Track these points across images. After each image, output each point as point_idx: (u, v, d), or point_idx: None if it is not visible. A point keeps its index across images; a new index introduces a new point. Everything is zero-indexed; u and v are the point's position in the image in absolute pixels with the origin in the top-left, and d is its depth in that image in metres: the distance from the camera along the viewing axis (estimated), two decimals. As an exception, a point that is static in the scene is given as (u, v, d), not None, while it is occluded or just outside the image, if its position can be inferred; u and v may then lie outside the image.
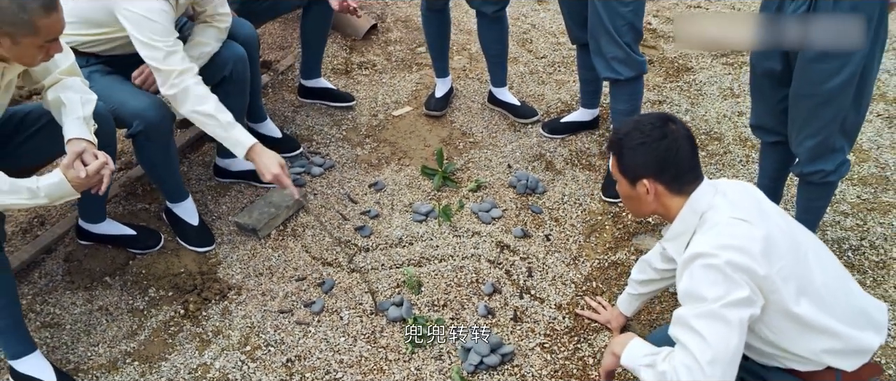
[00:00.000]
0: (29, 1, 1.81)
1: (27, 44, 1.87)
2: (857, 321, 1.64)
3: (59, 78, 2.18)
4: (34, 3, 1.81)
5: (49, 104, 2.18)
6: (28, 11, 1.81)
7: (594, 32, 2.70)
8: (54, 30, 1.89)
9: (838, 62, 2.05)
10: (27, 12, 1.81)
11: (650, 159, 1.70)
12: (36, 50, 1.90)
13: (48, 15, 1.85)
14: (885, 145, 3.10)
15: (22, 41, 1.85)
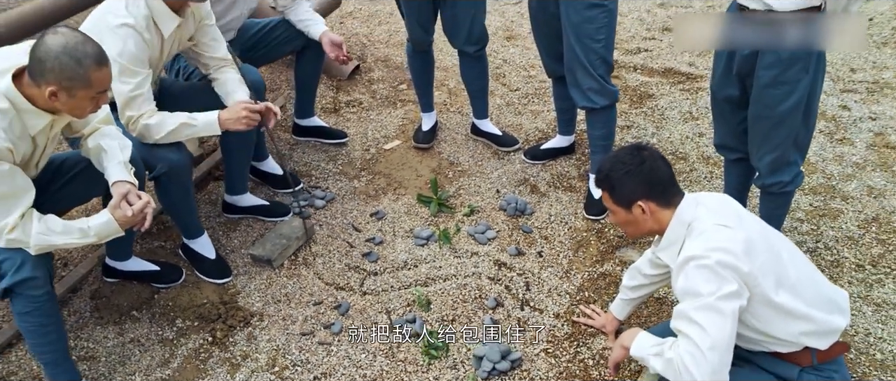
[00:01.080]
0: (84, 57, 2.00)
1: (81, 96, 2.06)
2: (826, 306, 1.94)
3: (97, 127, 2.37)
4: (89, 59, 2.01)
5: (89, 151, 2.36)
6: (83, 66, 2.01)
7: (571, 66, 3.00)
8: (105, 82, 2.08)
9: (788, 88, 2.38)
10: (83, 67, 2.01)
11: (639, 183, 1.98)
12: (88, 102, 2.09)
13: (100, 69, 2.05)
14: (829, 158, 3.47)
15: (77, 94, 2.04)
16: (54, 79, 2.01)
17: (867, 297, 2.73)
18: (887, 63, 4.25)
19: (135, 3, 2.47)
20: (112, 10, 2.47)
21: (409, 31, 3.34)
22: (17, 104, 2.06)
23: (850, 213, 3.14)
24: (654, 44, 4.50)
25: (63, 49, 1.99)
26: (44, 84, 2.02)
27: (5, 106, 2.03)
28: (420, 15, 3.24)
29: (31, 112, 2.08)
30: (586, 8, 2.84)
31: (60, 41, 2.00)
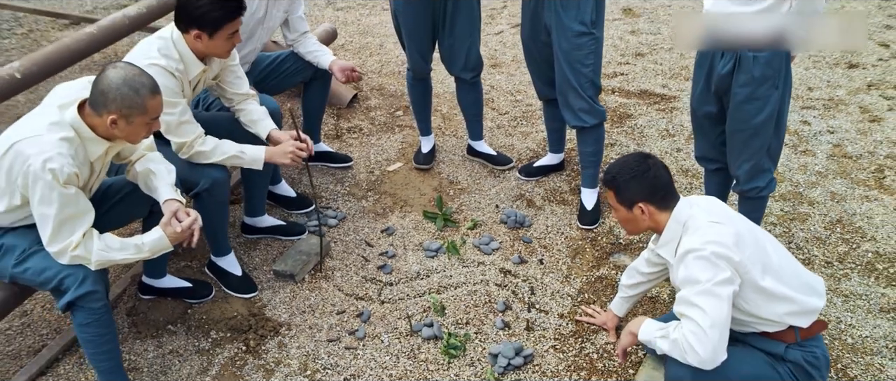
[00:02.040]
0: (141, 87, 2.24)
1: (138, 123, 2.28)
2: (805, 290, 2.23)
3: (143, 153, 2.58)
4: (145, 89, 2.24)
5: (136, 175, 2.57)
6: (141, 95, 2.24)
7: (562, 89, 3.30)
8: (158, 110, 2.31)
9: (761, 103, 2.70)
10: (140, 96, 2.24)
11: (642, 187, 2.27)
12: (143, 128, 2.31)
13: (154, 98, 2.28)
14: (795, 168, 3.81)
15: (135, 121, 2.27)
16: (116, 108, 2.23)
17: (837, 289, 3.04)
18: (839, 82, 4.65)
19: (166, 48, 2.70)
20: (146, 52, 2.69)
21: (410, 60, 3.60)
22: (81, 133, 2.27)
23: (816, 216, 3.47)
24: (629, 68, 4.84)
25: (123, 81, 2.22)
26: (105, 113, 2.24)
27: (71, 135, 2.25)
28: (421, 45, 3.51)
29: (93, 140, 2.30)
30: (575, 36, 3.15)
31: (120, 74, 2.22)
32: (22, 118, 2.36)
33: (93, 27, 3.54)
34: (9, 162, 2.24)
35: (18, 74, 3.12)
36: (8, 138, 2.26)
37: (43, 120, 2.27)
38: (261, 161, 2.91)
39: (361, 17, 5.66)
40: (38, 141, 2.20)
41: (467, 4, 3.40)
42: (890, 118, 4.23)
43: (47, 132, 2.22)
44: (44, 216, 2.23)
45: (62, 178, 2.18)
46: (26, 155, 2.19)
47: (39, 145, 2.19)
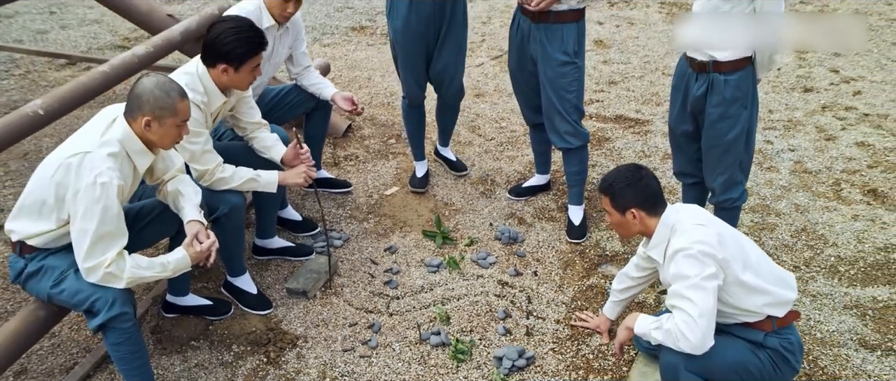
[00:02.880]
0: (171, 90, 2.48)
1: (169, 124, 2.51)
2: (779, 283, 2.51)
3: (175, 174, 2.79)
4: (174, 92, 2.49)
5: (166, 194, 2.78)
6: (171, 97, 2.48)
7: (548, 114, 3.59)
8: (186, 113, 2.54)
9: (732, 121, 3.01)
10: (170, 98, 2.48)
11: (635, 195, 2.54)
12: (174, 129, 2.53)
13: (183, 100, 2.52)
14: (761, 183, 4.14)
15: (166, 122, 2.50)
16: (149, 109, 2.46)
17: (805, 290, 3.34)
18: (796, 105, 5.03)
19: (193, 83, 2.93)
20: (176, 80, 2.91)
21: (405, 88, 3.87)
22: (128, 146, 2.49)
23: (783, 226, 3.79)
24: (604, 95, 5.17)
25: (155, 85, 2.47)
26: (140, 116, 2.47)
27: (118, 150, 2.46)
28: (416, 74, 3.78)
29: (140, 152, 2.52)
30: (560, 65, 3.44)
31: (152, 80, 2.48)
32: (70, 138, 2.57)
33: (105, 66, 3.74)
34: (60, 177, 2.43)
35: (41, 110, 3.30)
36: (59, 156, 2.46)
37: (91, 138, 2.48)
38: (275, 184, 3.14)
39: (348, 52, 5.92)
40: (88, 157, 2.41)
41: (456, 35, 3.69)
42: (843, 137, 4.60)
43: (97, 149, 2.43)
44: (83, 231, 2.40)
45: (112, 191, 2.38)
46: (77, 170, 2.39)
47: (90, 161, 2.40)
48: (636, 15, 6.70)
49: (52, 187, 2.46)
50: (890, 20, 6.41)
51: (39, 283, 2.57)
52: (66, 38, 5.95)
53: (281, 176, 3.16)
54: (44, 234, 2.55)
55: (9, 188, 4.06)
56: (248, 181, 3.07)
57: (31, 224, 2.55)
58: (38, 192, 2.51)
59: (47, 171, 2.49)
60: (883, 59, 5.67)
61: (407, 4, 3.54)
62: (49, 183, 2.47)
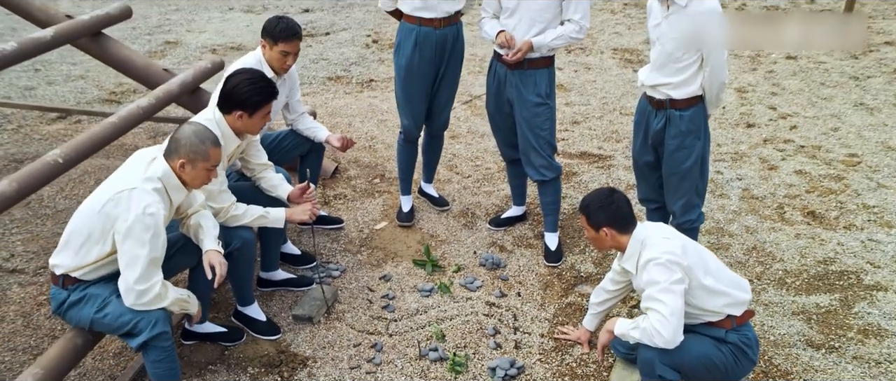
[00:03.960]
0: (206, 138, 2.81)
1: (200, 168, 2.82)
2: (736, 286, 2.92)
3: (197, 209, 3.10)
4: (208, 141, 2.82)
5: (189, 227, 3.08)
6: (205, 145, 2.80)
7: (525, 149, 3.99)
8: (217, 159, 2.86)
9: (688, 150, 3.44)
10: (205, 145, 2.80)
11: (607, 215, 2.94)
12: (205, 172, 2.85)
13: (216, 147, 2.84)
14: (715, 209, 4.60)
15: (198, 165, 2.81)
16: (185, 153, 2.78)
17: (758, 300, 3.76)
18: (741, 139, 5.56)
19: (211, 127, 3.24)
20: None
21: (404, 124, 4.22)
22: (167, 183, 2.79)
23: (736, 245, 4.23)
24: (568, 134, 5.62)
25: (193, 133, 2.79)
26: (177, 158, 2.79)
27: (160, 186, 2.77)
28: (415, 111, 4.15)
29: (176, 187, 2.82)
30: (534, 106, 3.86)
31: (192, 128, 2.81)
32: (112, 176, 2.86)
33: (114, 117, 4.02)
34: (108, 210, 2.71)
35: (61, 159, 3.57)
36: (107, 191, 2.75)
37: (135, 175, 2.78)
38: (282, 220, 3.45)
39: (327, 100, 6.29)
40: (136, 192, 2.71)
41: (454, 75, 4.13)
42: (784, 166, 5.12)
43: (142, 185, 2.73)
44: (136, 257, 2.69)
45: (159, 220, 2.69)
46: (127, 203, 2.68)
47: (138, 195, 2.69)
48: (592, 61, 7.24)
49: (99, 220, 2.74)
50: (817, 62, 7.07)
51: (82, 310, 2.83)
52: (54, 94, 6.18)
53: (288, 212, 3.47)
54: (86, 266, 2.82)
55: (15, 235, 4.27)
56: (258, 218, 3.38)
57: (75, 258, 2.82)
58: (84, 226, 2.79)
59: (93, 206, 2.77)
60: (814, 98, 6.28)
61: (411, 46, 3.95)
62: (96, 217, 2.75)
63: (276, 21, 3.69)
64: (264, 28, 3.70)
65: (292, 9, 8.76)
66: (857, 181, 4.90)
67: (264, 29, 3.70)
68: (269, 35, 3.68)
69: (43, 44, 4.21)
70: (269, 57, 3.74)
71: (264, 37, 3.71)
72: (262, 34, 3.72)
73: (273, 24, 3.68)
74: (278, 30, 3.65)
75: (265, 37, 3.70)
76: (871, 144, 5.42)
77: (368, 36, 7.88)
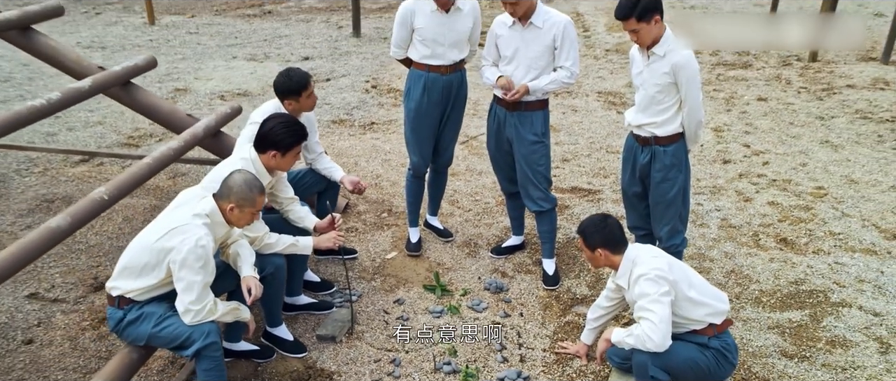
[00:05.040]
0: (253, 187, 3.19)
1: (247, 212, 3.21)
2: (716, 298, 3.33)
3: (236, 239, 3.47)
4: (255, 189, 3.20)
5: (229, 255, 3.45)
6: (253, 193, 3.18)
7: (523, 183, 4.42)
8: (261, 204, 3.25)
9: (672, 182, 3.88)
10: (252, 193, 3.18)
11: (601, 237, 3.35)
12: (250, 215, 3.24)
13: (262, 195, 3.23)
14: (696, 237, 5.03)
15: (245, 210, 3.20)
16: (235, 199, 3.17)
17: (737, 317, 4.17)
18: (718, 174, 6.03)
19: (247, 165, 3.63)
20: (233, 165, 3.63)
21: (412, 161, 4.64)
22: (214, 219, 3.17)
23: (716, 269, 4.65)
24: (559, 171, 6.07)
25: (243, 181, 3.18)
26: (227, 201, 3.17)
27: (208, 222, 3.15)
28: (423, 150, 4.57)
29: (220, 224, 3.20)
30: (531, 144, 4.30)
31: (242, 177, 3.19)
32: (164, 213, 3.24)
33: (148, 158, 4.40)
34: (164, 242, 3.08)
35: (106, 196, 3.93)
36: (163, 226, 3.12)
37: (186, 213, 3.15)
38: (310, 248, 3.83)
39: (333, 142, 6.70)
40: (189, 227, 3.08)
41: (456, 118, 4.57)
42: (758, 198, 5.58)
43: (193, 221, 3.11)
44: (192, 282, 3.06)
45: (209, 251, 3.06)
46: (182, 236, 3.06)
47: (192, 230, 3.07)
48: (579, 103, 7.74)
49: (154, 252, 3.12)
50: (787, 104, 7.62)
51: (139, 327, 3.18)
52: (76, 139, 6.56)
53: (315, 241, 3.86)
54: (143, 289, 3.18)
55: (54, 268, 4.60)
56: (289, 246, 3.76)
57: (132, 282, 3.18)
58: (141, 256, 3.15)
59: (149, 239, 3.14)
60: (783, 136, 6.79)
61: (420, 90, 4.39)
62: (151, 248, 3.12)
63: (287, 78, 4.01)
64: (281, 89, 4.01)
65: (293, 57, 9.23)
66: (823, 211, 5.37)
67: (281, 90, 4.01)
68: (288, 93, 4.02)
69: (82, 93, 4.61)
70: (296, 108, 4.10)
71: (284, 96, 4.04)
72: (280, 94, 4.04)
73: (286, 81, 3.99)
74: (295, 84, 4.00)
75: (285, 96, 4.03)
76: (836, 178, 5.91)
77: (367, 81, 8.35)
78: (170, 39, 9.85)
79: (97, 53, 9.02)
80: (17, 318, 4.09)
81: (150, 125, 6.87)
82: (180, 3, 12.15)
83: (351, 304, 4.20)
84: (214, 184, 3.44)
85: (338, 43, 9.92)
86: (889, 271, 4.60)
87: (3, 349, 3.84)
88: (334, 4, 12.24)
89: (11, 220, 5.11)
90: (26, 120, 4.17)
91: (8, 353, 3.81)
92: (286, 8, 11.97)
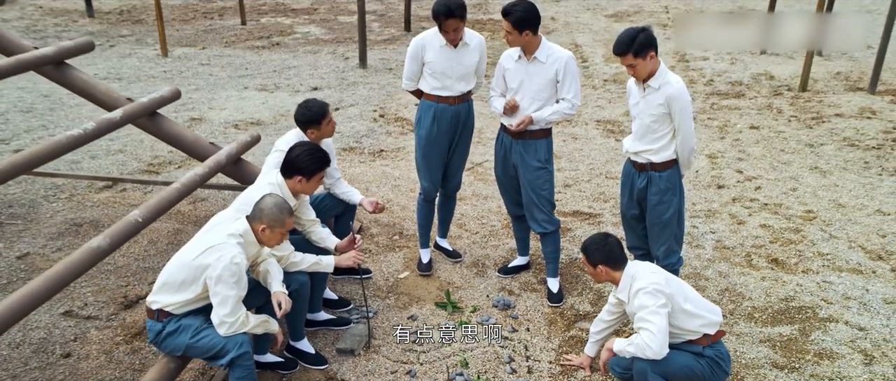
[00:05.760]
0: (283, 209, 3.49)
1: (277, 232, 3.50)
2: (709, 311, 3.60)
3: (266, 257, 3.76)
4: (285, 211, 3.50)
5: (259, 273, 3.73)
6: (283, 215, 3.48)
7: (529, 207, 4.71)
8: (289, 225, 3.54)
9: (667, 205, 4.18)
10: (282, 215, 3.48)
11: (602, 255, 3.64)
12: (280, 236, 3.53)
13: (290, 216, 3.52)
14: (692, 257, 5.32)
15: (275, 231, 3.49)
16: (267, 220, 3.46)
17: (731, 331, 4.44)
18: (713, 198, 6.33)
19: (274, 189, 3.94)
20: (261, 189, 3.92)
21: (423, 186, 4.94)
22: (247, 239, 3.46)
23: (711, 287, 4.93)
24: (561, 195, 6.37)
25: (274, 204, 3.47)
26: (259, 223, 3.46)
27: (242, 241, 3.43)
28: (433, 176, 4.88)
29: (252, 243, 3.49)
30: (535, 170, 4.60)
31: (273, 201, 3.48)
32: (200, 234, 3.52)
33: (177, 184, 4.70)
34: (200, 261, 3.36)
35: (140, 218, 4.22)
36: (200, 245, 3.41)
37: (221, 234, 3.44)
38: (332, 266, 4.11)
39: (344, 168, 7.01)
40: (224, 246, 3.37)
41: (463, 146, 4.88)
42: (750, 221, 5.88)
43: (228, 240, 3.40)
44: (227, 297, 3.34)
45: (243, 268, 3.35)
46: (218, 255, 3.34)
47: (227, 248, 3.36)
48: (578, 131, 8.06)
49: (192, 269, 3.40)
50: (778, 132, 7.96)
51: (178, 338, 3.45)
52: (98, 166, 6.85)
53: (336, 259, 4.14)
54: (181, 303, 3.46)
55: (85, 288, 4.87)
56: (313, 264, 4.04)
57: (171, 296, 3.46)
58: (180, 273, 3.44)
59: (187, 258, 3.43)
60: (775, 163, 7.11)
61: (430, 119, 4.70)
62: (189, 266, 3.41)
63: (306, 110, 4.33)
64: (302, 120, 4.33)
65: (302, 87, 9.57)
66: (812, 233, 5.66)
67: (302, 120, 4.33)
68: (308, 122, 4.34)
69: (113, 123, 4.93)
70: (317, 135, 4.41)
71: (306, 126, 4.36)
72: (302, 124, 4.36)
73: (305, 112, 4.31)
74: (314, 114, 4.32)
75: (306, 126, 4.35)
76: (825, 202, 6.22)
77: (375, 111, 8.68)
78: (183, 71, 10.20)
79: (114, 84, 9.36)
80: (55, 333, 4.36)
81: (169, 153, 7.17)
82: (190, 36, 12.53)
83: (368, 319, 4.48)
84: (246, 206, 3.73)
85: (345, 73, 10.27)
86: (873, 288, 4.88)
87: (43, 361, 4.10)
88: (340, 36, 12.62)
89: (43, 242, 5.39)
90: (66, 148, 4.48)
91: (49, 365, 4.07)
92: (293, 40, 12.35)
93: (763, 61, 10.82)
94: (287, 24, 13.54)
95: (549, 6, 15.18)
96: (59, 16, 13.65)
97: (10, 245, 5.35)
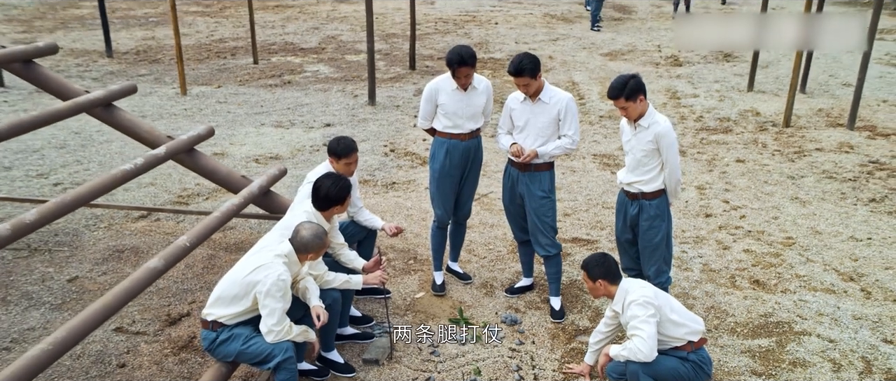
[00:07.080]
0: (322, 235, 4.02)
1: (312, 255, 4.03)
2: (693, 321, 4.13)
3: (304, 275, 4.29)
4: (323, 236, 4.02)
5: (298, 290, 4.25)
6: (322, 242, 4.01)
7: (533, 232, 5.25)
8: (326, 247, 4.07)
9: (657, 230, 4.72)
10: (322, 242, 4.01)
11: (601, 271, 4.18)
12: (316, 256, 4.06)
13: (327, 238, 4.06)
14: (681, 279, 5.85)
15: (313, 255, 4.02)
16: (313, 249, 4.00)
17: (715, 343, 4.96)
18: (701, 226, 6.88)
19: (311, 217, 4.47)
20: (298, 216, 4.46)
21: (436, 215, 5.48)
22: (290, 257, 4.00)
23: (698, 306, 5.46)
24: (561, 224, 6.91)
25: (314, 234, 4.01)
26: (305, 254, 3.99)
27: (287, 261, 3.97)
28: (446, 204, 5.43)
29: (295, 262, 4.03)
30: (540, 199, 5.15)
31: (313, 231, 4.02)
32: (249, 255, 4.06)
33: (217, 213, 5.23)
34: (253, 276, 3.89)
35: (188, 243, 4.76)
36: (250, 264, 3.94)
37: (269, 255, 3.97)
38: (360, 283, 4.62)
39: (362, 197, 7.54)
40: (272, 265, 3.90)
41: (473, 178, 5.44)
42: (735, 247, 6.42)
43: (275, 260, 3.94)
44: (274, 309, 3.87)
45: (288, 284, 3.88)
46: (266, 272, 3.87)
47: (274, 267, 3.89)
48: (576, 164, 8.64)
49: (243, 285, 3.92)
50: (762, 165, 8.54)
51: (230, 345, 3.97)
52: (132, 198, 7.39)
53: (365, 278, 4.66)
54: (232, 314, 3.98)
55: (131, 307, 5.38)
56: (344, 282, 4.56)
57: (224, 309, 3.98)
58: (231, 288, 3.96)
59: (239, 275, 3.96)
60: (758, 193, 7.68)
61: (443, 154, 5.26)
62: (241, 282, 3.93)
63: (336, 142, 4.88)
64: (330, 149, 4.87)
65: (315, 123, 10.15)
66: (791, 257, 6.20)
67: (330, 150, 4.87)
68: (334, 153, 4.89)
69: (159, 158, 5.49)
70: (336, 167, 4.97)
71: (331, 155, 4.91)
72: (329, 153, 4.90)
73: (335, 145, 4.86)
74: (341, 149, 4.89)
75: (331, 155, 4.91)
76: (803, 230, 6.77)
77: (386, 145, 9.26)
78: (202, 108, 10.79)
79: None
80: (109, 347, 4.86)
81: (196, 185, 7.72)
82: (206, 75, 13.15)
83: (390, 333, 4.99)
84: (287, 231, 4.27)
85: (355, 110, 10.87)
86: (844, 306, 5.41)
87: (102, 370, 4.60)
88: (348, 74, 13.25)
89: (89, 267, 5.91)
90: (121, 180, 5.03)
91: (107, 374, 4.57)
92: (304, 78, 12.96)
93: (750, 98, 11.45)
94: (297, 62, 14.18)
95: (547, 45, 15.87)
96: (79, 56, 14.29)
97: (60, 270, 5.87)
